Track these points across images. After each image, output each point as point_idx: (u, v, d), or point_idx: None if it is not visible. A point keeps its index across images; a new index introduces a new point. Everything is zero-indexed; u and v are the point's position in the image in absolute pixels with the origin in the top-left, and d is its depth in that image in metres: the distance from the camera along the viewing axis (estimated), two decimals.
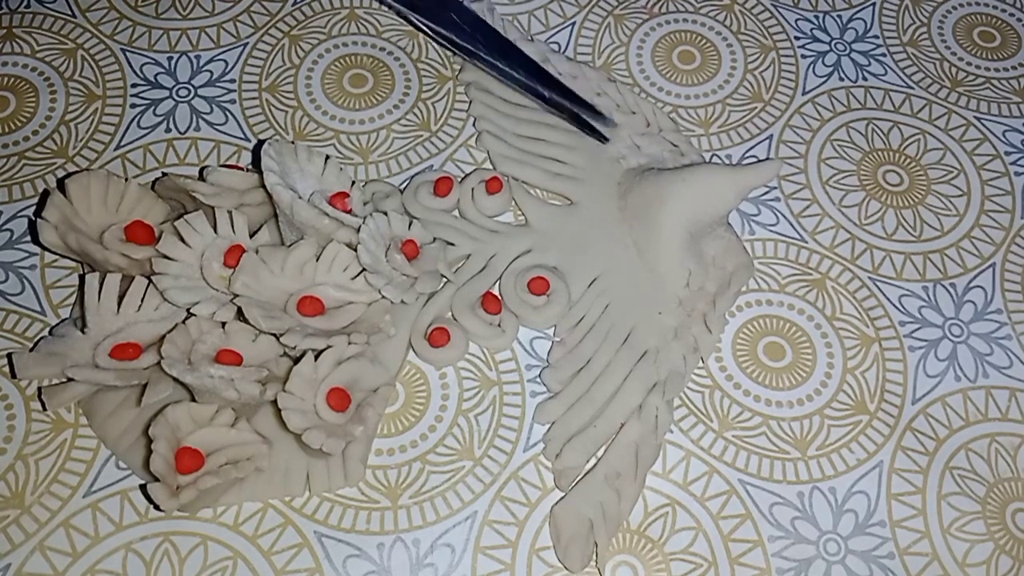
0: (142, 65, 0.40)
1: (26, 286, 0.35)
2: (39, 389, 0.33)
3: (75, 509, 0.31)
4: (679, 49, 0.43)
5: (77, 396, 0.32)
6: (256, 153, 0.38)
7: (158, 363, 0.30)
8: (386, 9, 0.43)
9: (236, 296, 0.31)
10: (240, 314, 0.31)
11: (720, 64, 0.43)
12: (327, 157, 0.35)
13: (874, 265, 0.38)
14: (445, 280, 0.35)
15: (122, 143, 0.38)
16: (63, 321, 0.34)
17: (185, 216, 0.33)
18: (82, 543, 0.30)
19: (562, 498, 0.32)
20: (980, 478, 0.34)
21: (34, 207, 0.36)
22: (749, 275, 0.37)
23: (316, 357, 0.31)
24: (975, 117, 0.42)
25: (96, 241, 0.32)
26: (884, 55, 0.44)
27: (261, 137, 0.39)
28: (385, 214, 0.34)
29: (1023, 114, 0.42)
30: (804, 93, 0.42)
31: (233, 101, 0.40)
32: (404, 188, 0.38)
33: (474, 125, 0.40)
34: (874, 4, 0.45)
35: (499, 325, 0.35)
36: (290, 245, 0.33)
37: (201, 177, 0.34)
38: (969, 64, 0.44)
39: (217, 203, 0.33)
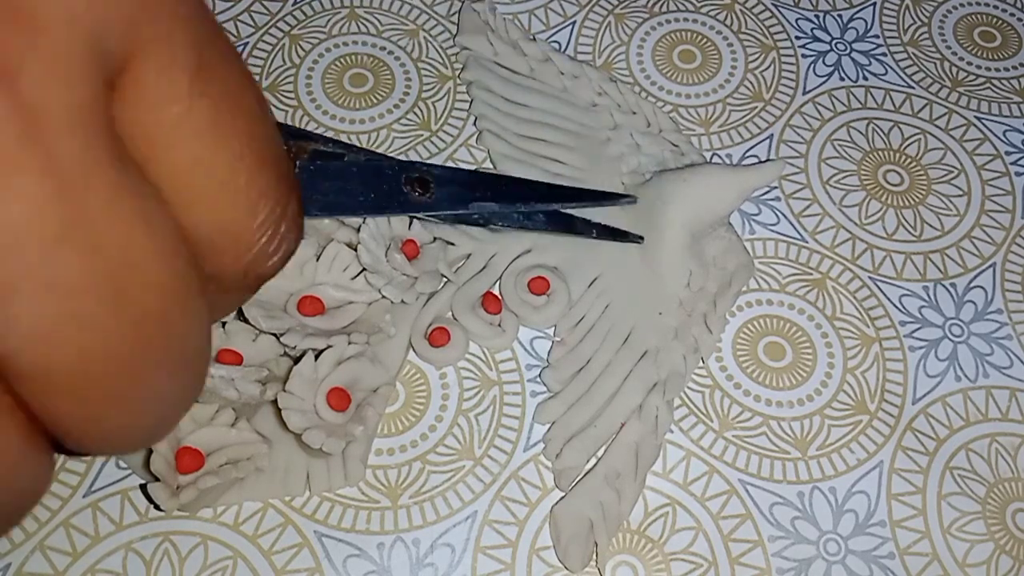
0: None
1: None
2: None
3: (75, 509, 0.31)
4: (679, 48, 0.43)
5: None
6: None
7: None
8: (386, 8, 0.43)
9: None
10: (240, 314, 0.31)
11: (720, 63, 0.43)
12: None
13: (874, 265, 0.38)
14: (445, 280, 0.35)
15: None
16: None
17: None
18: (82, 543, 0.30)
19: (562, 498, 0.32)
20: (980, 478, 0.34)
21: None
22: (749, 275, 0.37)
23: (316, 357, 0.31)
24: (976, 117, 0.42)
25: None
26: (885, 55, 0.44)
27: None
28: None
29: (1023, 114, 0.42)
30: (805, 93, 0.42)
31: None
32: None
33: (475, 124, 0.40)
34: (875, 4, 0.45)
35: (499, 325, 0.35)
36: None
37: None
38: (970, 64, 0.44)
39: None
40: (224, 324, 0.31)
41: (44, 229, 0.11)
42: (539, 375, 0.35)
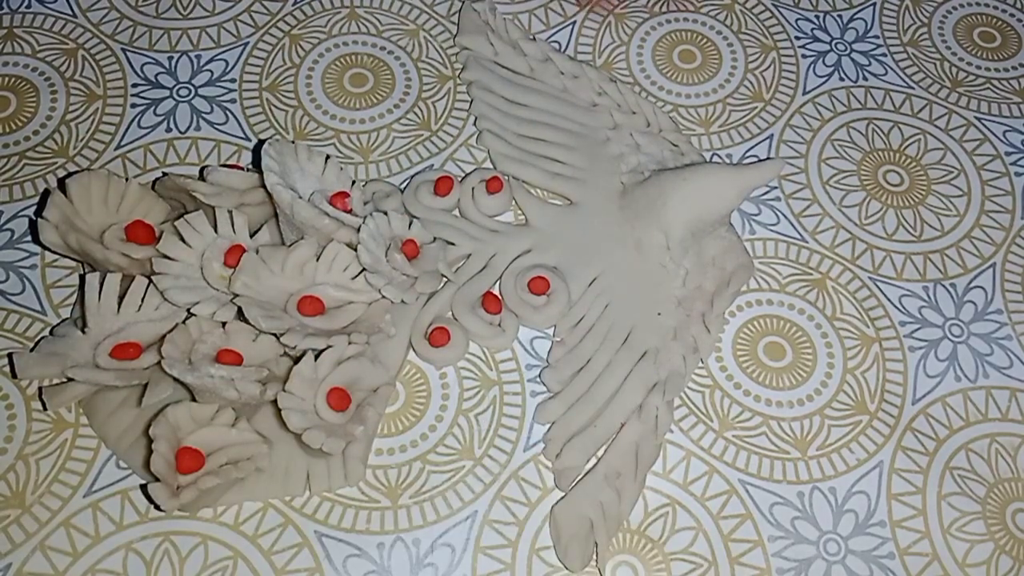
0: (143, 65, 0.40)
1: (27, 286, 0.35)
2: (40, 389, 0.33)
3: (75, 509, 0.31)
4: (679, 48, 0.43)
5: (77, 396, 0.32)
6: (256, 153, 0.38)
7: (158, 363, 0.30)
8: (386, 8, 0.43)
9: (236, 296, 0.31)
10: (240, 314, 0.31)
11: (721, 64, 0.43)
12: (327, 157, 0.35)
13: (874, 265, 0.38)
14: (445, 280, 0.35)
15: (122, 143, 0.38)
16: (64, 321, 0.34)
17: (185, 216, 0.33)
18: (83, 543, 0.30)
19: (562, 498, 0.32)
20: (980, 478, 0.34)
21: (35, 207, 0.36)
22: (748, 276, 0.37)
23: (316, 357, 0.31)
24: (975, 117, 0.42)
25: (96, 241, 0.32)
26: (884, 55, 0.44)
27: (261, 137, 0.39)
28: (385, 214, 0.34)
29: (1023, 114, 0.42)
30: (805, 93, 0.42)
31: (233, 101, 0.40)
32: (404, 188, 0.38)
33: (475, 124, 0.40)
34: (874, 4, 0.45)
35: (499, 325, 0.35)
36: (290, 245, 0.33)
37: (201, 177, 0.34)
38: (969, 64, 0.44)
39: (217, 203, 0.33)
40: (224, 324, 0.31)
41: None
42: (539, 375, 0.35)
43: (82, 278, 0.34)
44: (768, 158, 0.39)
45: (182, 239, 0.32)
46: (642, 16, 0.44)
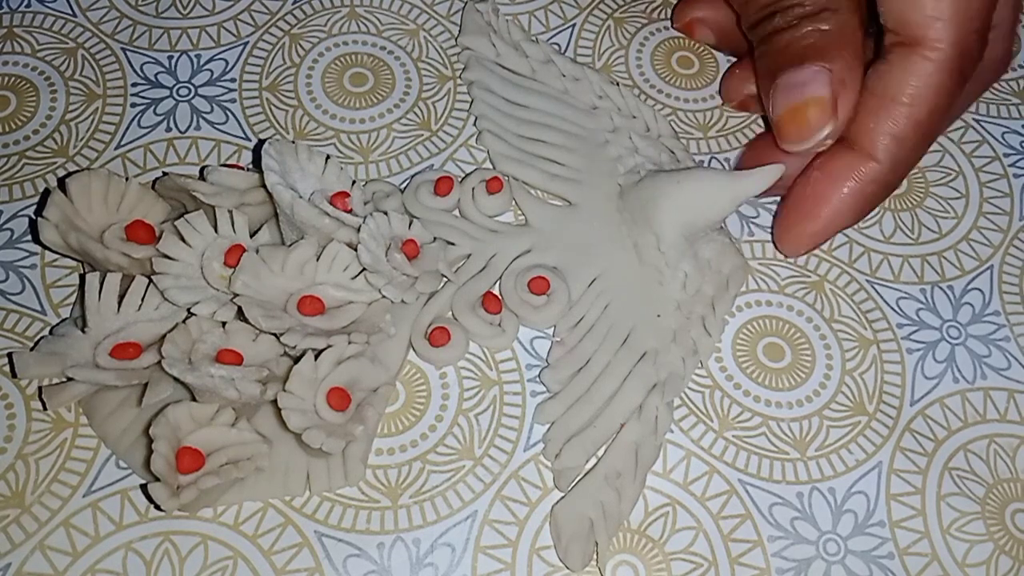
0: (142, 64, 0.40)
1: (26, 285, 0.35)
2: (39, 388, 0.33)
3: (75, 509, 0.31)
4: (678, 54, 0.43)
5: (77, 396, 0.32)
6: (256, 152, 0.38)
7: (158, 363, 0.30)
8: (386, 8, 0.43)
9: (236, 296, 0.31)
10: (240, 314, 0.31)
11: (718, 69, 0.43)
12: (328, 157, 0.35)
13: (872, 268, 0.38)
14: (445, 280, 0.35)
15: (123, 142, 0.38)
16: (63, 321, 0.34)
17: (186, 216, 0.33)
18: (82, 542, 0.30)
19: (563, 498, 0.32)
20: (979, 479, 0.34)
21: (35, 206, 0.36)
22: (745, 277, 0.37)
23: (316, 357, 0.31)
24: (974, 119, 0.42)
25: (96, 240, 0.32)
26: None
27: (261, 136, 0.39)
28: (385, 214, 0.34)
29: (1022, 116, 0.42)
30: None
31: (233, 100, 0.40)
32: (404, 188, 0.38)
33: (475, 124, 0.40)
34: None
35: (499, 325, 0.35)
36: (290, 245, 0.33)
37: (202, 176, 0.34)
38: None
39: (217, 202, 0.33)
40: (224, 324, 0.31)
41: None
42: (539, 375, 0.35)
43: (82, 278, 0.34)
44: (765, 165, 0.38)
45: (182, 239, 0.32)
46: (641, 21, 0.44)
